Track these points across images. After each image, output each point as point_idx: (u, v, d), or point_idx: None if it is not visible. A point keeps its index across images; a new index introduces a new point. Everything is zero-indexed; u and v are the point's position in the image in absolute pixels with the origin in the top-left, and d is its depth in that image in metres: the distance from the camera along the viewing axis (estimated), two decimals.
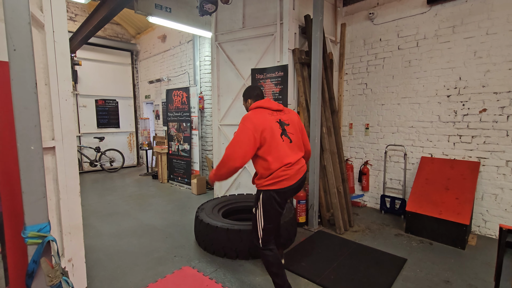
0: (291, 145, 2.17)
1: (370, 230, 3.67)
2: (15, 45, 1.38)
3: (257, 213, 2.14)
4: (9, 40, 1.36)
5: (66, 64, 1.95)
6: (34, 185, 1.48)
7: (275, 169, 2.04)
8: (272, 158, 2.04)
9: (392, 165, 4.25)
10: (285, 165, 2.07)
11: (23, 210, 1.46)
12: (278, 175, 2.04)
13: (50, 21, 1.85)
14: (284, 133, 2.15)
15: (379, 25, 4.22)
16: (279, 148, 2.08)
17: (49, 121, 1.91)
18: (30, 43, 1.42)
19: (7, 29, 1.37)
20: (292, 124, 2.23)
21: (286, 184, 2.07)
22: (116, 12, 4.15)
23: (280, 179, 2.05)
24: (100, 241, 3.43)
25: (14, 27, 1.38)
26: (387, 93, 4.22)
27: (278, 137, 2.10)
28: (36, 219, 1.50)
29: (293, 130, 2.22)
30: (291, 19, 3.68)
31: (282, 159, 2.07)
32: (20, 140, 1.43)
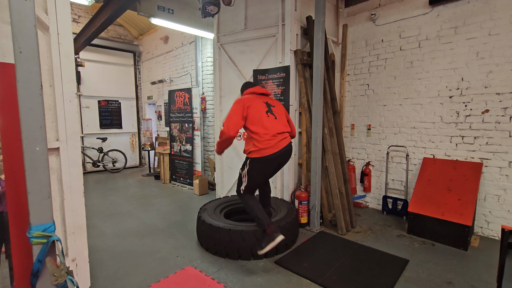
0: (276, 121, 2.62)
1: (372, 231, 3.67)
2: (21, 48, 1.40)
3: (242, 175, 2.66)
4: (15, 43, 1.39)
5: (71, 66, 1.97)
6: (39, 186, 1.50)
7: (259, 139, 2.49)
8: (256, 128, 2.50)
9: (394, 166, 4.24)
10: (268, 135, 2.50)
11: (28, 210, 1.48)
12: (262, 145, 2.48)
13: (55, 24, 1.88)
14: (269, 111, 2.63)
15: (381, 26, 4.22)
16: (263, 121, 2.53)
17: (53, 122, 1.93)
18: (36, 45, 1.45)
19: (13, 31, 1.39)
20: (277, 107, 2.73)
21: (269, 152, 2.50)
22: (119, 13, 4.19)
23: (264, 148, 2.49)
24: (103, 241, 3.45)
25: (20, 29, 1.40)
26: (389, 94, 4.22)
27: (263, 113, 2.57)
28: (41, 219, 1.52)
29: (279, 111, 2.71)
30: (293, 20, 3.69)
31: (266, 130, 2.51)
32: (25, 141, 1.45)
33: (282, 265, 2.82)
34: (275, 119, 2.61)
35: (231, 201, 3.85)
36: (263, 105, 2.63)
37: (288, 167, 3.88)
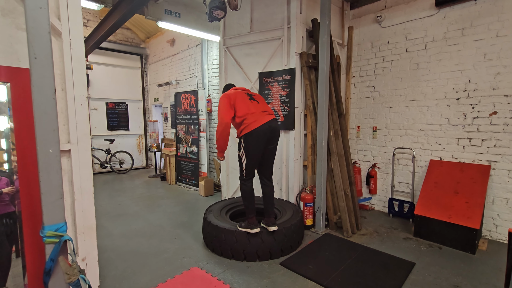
0: (259, 104, 3.02)
1: (378, 233, 3.65)
2: (36, 54, 1.46)
3: (240, 155, 2.97)
4: (30, 49, 1.44)
5: (82, 70, 2.03)
6: (52, 187, 1.55)
7: (244, 117, 2.88)
8: (242, 113, 2.90)
9: (400, 168, 4.22)
10: (251, 113, 2.90)
11: (42, 210, 1.53)
12: (250, 121, 2.86)
13: (67, 29, 1.93)
14: (252, 99, 3.04)
15: (387, 28, 4.22)
16: (249, 106, 2.95)
17: (65, 125, 1.99)
18: (50, 51, 1.50)
19: (28, 38, 1.45)
20: (258, 96, 3.14)
21: (257, 124, 2.85)
22: (127, 17, 4.26)
23: (252, 122, 2.85)
24: (111, 241, 3.51)
25: (35, 36, 1.45)
26: (395, 95, 4.21)
27: (247, 100, 3.00)
28: (53, 219, 1.56)
29: (259, 99, 3.11)
30: (299, 23, 3.71)
31: (249, 111, 2.91)
32: (39, 144, 1.50)
33: (288, 267, 2.83)
34: (258, 103, 3.04)
35: (237, 202, 3.88)
36: (246, 96, 3.05)
37: (294, 169, 3.89)
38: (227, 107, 2.93)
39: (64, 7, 1.93)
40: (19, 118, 1.74)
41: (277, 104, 3.96)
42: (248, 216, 3.02)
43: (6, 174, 2.20)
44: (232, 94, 2.99)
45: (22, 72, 1.77)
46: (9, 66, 1.74)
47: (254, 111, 2.93)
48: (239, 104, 2.95)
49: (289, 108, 3.85)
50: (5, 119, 2.04)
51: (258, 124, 2.86)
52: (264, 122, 2.88)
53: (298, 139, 3.93)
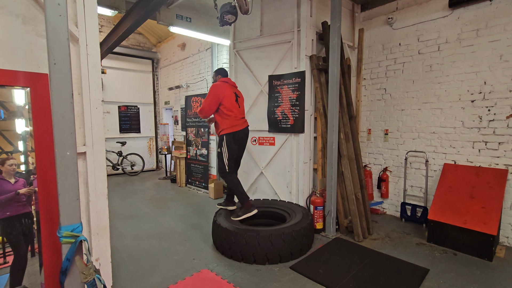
0: (239, 109, 3.40)
1: (390, 238, 3.59)
2: (55, 59, 1.51)
3: (222, 151, 3.28)
4: (50, 55, 1.49)
5: (97, 75, 2.09)
6: (69, 188, 1.60)
7: (232, 119, 3.26)
8: (229, 112, 3.24)
9: (413, 171, 4.14)
10: (236, 118, 3.30)
11: (59, 211, 1.58)
12: (233, 124, 3.26)
13: (84, 36, 2.00)
14: (236, 101, 3.37)
15: (399, 29, 4.17)
16: (233, 108, 3.30)
17: (81, 128, 2.04)
18: (68, 57, 1.55)
19: (48, 45, 1.50)
20: (241, 98, 3.51)
21: (238, 128, 3.29)
22: (140, 23, 4.35)
23: (234, 126, 3.26)
24: (122, 242, 3.57)
25: (54, 43, 1.51)
26: (407, 98, 4.14)
27: (234, 101, 3.33)
28: (70, 219, 1.61)
29: (241, 103, 3.48)
30: (309, 26, 3.72)
31: (235, 113, 3.30)
32: (57, 146, 1.55)
33: (298, 271, 2.81)
34: (239, 108, 3.40)
35: None
36: (233, 95, 3.35)
37: (304, 171, 3.88)
38: (214, 102, 3.24)
39: (81, 14, 1.99)
40: (38, 122, 1.80)
41: (287, 107, 3.96)
42: (243, 202, 3.32)
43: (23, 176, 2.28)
44: (222, 90, 3.26)
45: (41, 77, 1.83)
46: (29, 71, 1.81)
47: (236, 114, 3.33)
48: (226, 102, 3.25)
49: (299, 111, 3.85)
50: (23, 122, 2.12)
51: (239, 128, 3.32)
52: (244, 127, 3.38)
53: (308, 142, 3.91)
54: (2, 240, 2.16)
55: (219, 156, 3.33)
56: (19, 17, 1.79)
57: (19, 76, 1.75)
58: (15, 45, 1.78)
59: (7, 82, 1.71)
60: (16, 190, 2.13)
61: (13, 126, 2.17)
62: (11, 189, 2.14)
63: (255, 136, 4.37)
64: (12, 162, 2.15)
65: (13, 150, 2.24)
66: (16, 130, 2.14)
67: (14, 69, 1.75)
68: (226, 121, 3.26)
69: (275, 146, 4.19)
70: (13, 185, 2.17)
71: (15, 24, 1.79)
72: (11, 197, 2.12)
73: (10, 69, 1.74)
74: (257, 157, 4.37)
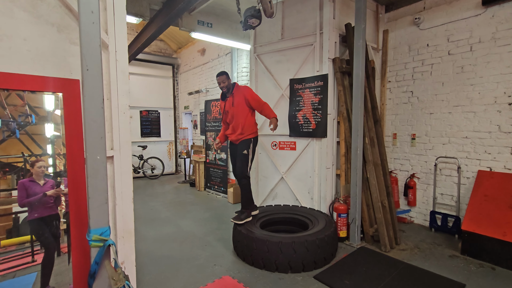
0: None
1: (420, 249, 3.39)
2: (88, 66, 1.54)
3: (249, 153, 3.32)
4: (83, 61, 1.53)
5: (125, 81, 2.13)
6: (98, 192, 1.61)
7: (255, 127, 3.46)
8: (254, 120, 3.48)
9: (443, 178, 3.91)
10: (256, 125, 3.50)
11: (88, 214, 1.59)
12: (257, 127, 3.51)
13: (113, 42, 2.04)
14: None
15: (426, 30, 3.99)
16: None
17: (109, 132, 2.08)
18: (100, 63, 1.58)
19: (82, 51, 1.53)
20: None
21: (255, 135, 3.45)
22: (163, 29, 4.45)
23: (258, 129, 3.51)
24: (144, 245, 3.60)
25: (87, 49, 1.54)
26: (436, 101, 3.94)
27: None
28: (99, 223, 1.62)
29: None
30: (331, 28, 3.64)
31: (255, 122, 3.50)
32: (88, 150, 1.57)
33: (322, 281, 2.70)
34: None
35: (267, 211, 3.82)
36: None
37: (326, 177, 3.77)
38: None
39: (111, 21, 2.04)
40: (69, 126, 1.85)
41: (309, 111, 3.88)
42: (252, 209, 3.44)
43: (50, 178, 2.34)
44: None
45: (73, 83, 1.88)
46: (62, 77, 1.86)
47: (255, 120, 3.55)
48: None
49: (321, 115, 3.76)
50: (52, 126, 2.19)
51: (257, 134, 3.51)
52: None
53: (331, 147, 3.80)
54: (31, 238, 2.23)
55: (244, 158, 3.27)
56: (54, 25, 1.85)
57: (52, 82, 1.81)
58: (50, 52, 1.84)
59: (41, 88, 1.77)
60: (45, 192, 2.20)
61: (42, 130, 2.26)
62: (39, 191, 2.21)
63: (275, 140, 4.32)
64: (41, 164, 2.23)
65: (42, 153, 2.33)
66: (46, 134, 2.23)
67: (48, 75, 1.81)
68: (254, 125, 3.42)
69: (296, 151, 4.11)
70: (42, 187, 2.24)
71: (50, 33, 1.85)
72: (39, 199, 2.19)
73: (44, 75, 1.80)
74: (278, 162, 4.31)
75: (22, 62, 1.73)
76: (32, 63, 1.76)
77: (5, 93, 1.69)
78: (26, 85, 1.70)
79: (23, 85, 1.70)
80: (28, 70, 1.74)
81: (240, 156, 3.29)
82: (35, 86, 1.74)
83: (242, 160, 3.27)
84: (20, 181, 1.85)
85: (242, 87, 3.39)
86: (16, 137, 1.74)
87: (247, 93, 3.33)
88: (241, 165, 3.27)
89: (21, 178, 1.85)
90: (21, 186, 1.88)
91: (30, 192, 2.23)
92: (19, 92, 1.73)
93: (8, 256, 1.56)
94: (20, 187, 1.87)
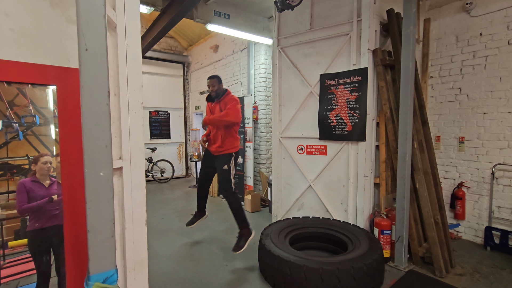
0: None
1: (481, 274, 2.85)
2: (88, 44, 1.08)
3: (230, 168, 3.14)
4: (81, 38, 1.07)
5: (138, 71, 1.67)
6: (102, 221, 1.15)
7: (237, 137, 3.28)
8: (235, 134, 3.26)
9: (501, 189, 3.36)
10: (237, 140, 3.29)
11: (88, 253, 1.14)
12: (238, 141, 3.31)
13: (122, 22, 1.59)
14: None
15: (479, 17, 3.46)
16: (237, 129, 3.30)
17: (117, 138, 1.63)
18: (105, 41, 1.12)
19: (79, 25, 1.08)
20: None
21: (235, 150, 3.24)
22: (176, 21, 4.02)
23: (235, 146, 3.24)
24: (157, 264, 3.16)
25: (87, 22, 1.08)
26: (491, 99, 3.40)
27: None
28: (101, 265, 1.16)
29: None
30: (372, 14, 3.14)
31: (237, 137, 3.29)
32: (88, 164, 1.11)
33: None
34: None
35: (295, 224, 3.34)
36: None
37: (364, 187, 3.26)
38: (239, 113, 3.19)
39: None
40: (65, 131, 1.40)
41: (343, 110, 3.38)
42: (248, 228, 3.16)
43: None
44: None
45: (71, 73, 1.44)
46: (57, 66, 1.42)
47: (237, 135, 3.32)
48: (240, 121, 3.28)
49: (358, 115, 3.25)
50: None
51: (238, 149, 3.31)
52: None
53: (369, 152, 3.30)
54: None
55: (226, 174, 3.11)
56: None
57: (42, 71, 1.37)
58: (41, 33, 1.40)
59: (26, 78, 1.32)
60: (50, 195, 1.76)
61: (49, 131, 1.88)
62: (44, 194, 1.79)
63: (302, 144, 3.83)
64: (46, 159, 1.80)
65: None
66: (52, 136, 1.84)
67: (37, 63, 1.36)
68: (235, 139, 3.24)
69: (326, 156, 3.62)
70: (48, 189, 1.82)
71: (42, 7, 1.41)
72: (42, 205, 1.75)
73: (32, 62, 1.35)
74: (305, 168, 3.81)
75: (3, 44, 1.29)
76: (16, 46, 1.32)
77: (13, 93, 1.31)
78: (5, 75, 1.26)
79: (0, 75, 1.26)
80: (10, 55, 1.29)
81: (221, 173, 3.14)
82: (18, 77, 1.29)
83: (224, 176, 3.12)
84: (21, 181, 1.43)
85: (229, 98, 3.23)
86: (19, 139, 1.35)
87: (229, 103, 3.16)
88: (225, 182, 3.12)
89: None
90: (21, 188, 1.45)
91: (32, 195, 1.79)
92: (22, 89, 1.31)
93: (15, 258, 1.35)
94: (20, 189, 1.44)
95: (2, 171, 1.32)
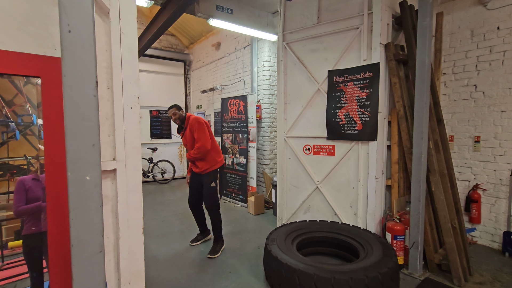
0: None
1: (501, 282, 2.67)
2: (71, 25, 0.91)
3: (215, 184, 3.34)
4: (63, 16, 0.89)
5: (134, 63, 1.51)
6: (88, 234, 0.98)
7: (218, 153, 3.42)
8: (214, 145, 3.38)
9: None
10: (218, 150, 3.44)
11: (71, 271, 0.97)
12: (219, 157, 3.44)
13: (116, 6, 1.43)
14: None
15: (497, 9, 3.27)
16: (214, 140, 3.41)
17: (110, 136, 1.46)
18: (91, 21, 0.95)
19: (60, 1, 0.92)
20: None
21: (220, 164, 3.44)
22: (177, 16, 3.86)
23: (221, 159, 3.46)
24: (156, 270, 2.99)
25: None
26: (510, 96, 3.21)
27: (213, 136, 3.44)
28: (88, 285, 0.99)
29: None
30: (384, 6, 2.96)
31: (218, 150, 3.43)
32: (71, 167, 0.94)
33: None
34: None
35: (302, 228, 3.16)
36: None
37: (375, 189, 3.08)
38: (208, 134, 3.26)
39: None
40: (50, 128, 1.24)
41: (353, 108, 3.20)
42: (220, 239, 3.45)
43: None
44: (205, 122, 3.30)
45: (57, 63, 1.27)
46: (41, 54, 1.25)
47: (218, 148, 3.45)
48: (211, 134, 3.34)
49: (369, 113, 3.08)
50: None
51: (221, 164, 3.46)
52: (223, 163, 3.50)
53: (381, 152, 3.12)
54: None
55: (213, 190, 3.34)
56: None
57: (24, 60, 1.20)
58: (23, 17, 1.23)
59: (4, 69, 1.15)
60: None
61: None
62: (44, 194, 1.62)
63: (308, 144, 3.65)
64: None
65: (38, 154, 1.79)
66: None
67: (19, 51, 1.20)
68: (217, 154, 3.39)
69: (335, 157, 3.44)
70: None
71: None
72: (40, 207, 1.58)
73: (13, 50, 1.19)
74: (311, 169, 3.64)
75: None
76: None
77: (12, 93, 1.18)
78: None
79: None
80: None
81: (208, 189, 3.31)
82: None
83: (212, 192, 3.33)
84: (20, 178, 1.27)
85: (192, 123, 3.28)
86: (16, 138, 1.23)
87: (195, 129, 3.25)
88: (213, 197, 3.34)
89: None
90: (20, 187, 1.28)
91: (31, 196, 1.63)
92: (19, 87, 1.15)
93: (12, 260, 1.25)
94: (19, 188, 1.28)
95: (1, 172, 1.21)
